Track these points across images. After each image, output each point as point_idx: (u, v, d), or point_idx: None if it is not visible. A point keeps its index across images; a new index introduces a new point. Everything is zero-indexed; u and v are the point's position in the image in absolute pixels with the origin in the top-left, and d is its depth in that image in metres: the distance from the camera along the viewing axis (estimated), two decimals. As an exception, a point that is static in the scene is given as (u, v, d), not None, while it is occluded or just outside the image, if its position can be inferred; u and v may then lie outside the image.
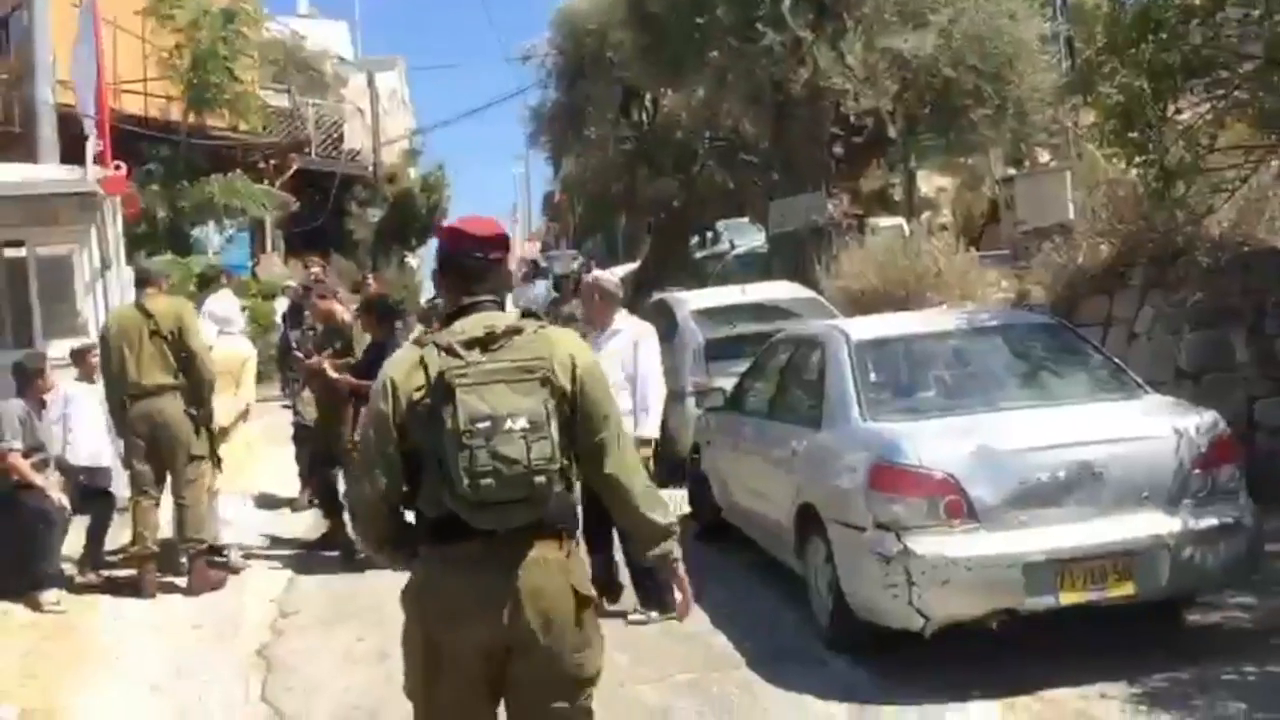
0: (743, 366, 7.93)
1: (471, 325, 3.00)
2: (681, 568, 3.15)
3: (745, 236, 21.70)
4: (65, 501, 7.00)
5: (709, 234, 24.28)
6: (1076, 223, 10.49)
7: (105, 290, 9.51)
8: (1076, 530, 5.01)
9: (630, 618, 6.15)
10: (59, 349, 9.23)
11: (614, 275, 7.27)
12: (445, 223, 3.43)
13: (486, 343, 2.94)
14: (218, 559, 7.62)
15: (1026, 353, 6.13)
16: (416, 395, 2.94)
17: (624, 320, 6.57)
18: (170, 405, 7.16)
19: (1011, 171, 18.67)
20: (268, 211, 19.94)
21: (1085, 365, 6.04)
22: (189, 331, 7.26)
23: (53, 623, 6.51)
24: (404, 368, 2.99)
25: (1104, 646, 5.23)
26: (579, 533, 3.14)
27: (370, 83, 31.31)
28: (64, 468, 7.58)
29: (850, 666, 5.37)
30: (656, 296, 12.11)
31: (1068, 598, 4.97)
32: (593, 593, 3.09)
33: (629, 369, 6.29)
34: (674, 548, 3.11)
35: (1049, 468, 5.07)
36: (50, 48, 14.06)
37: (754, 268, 17.16)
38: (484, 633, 2.90)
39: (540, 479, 2.85)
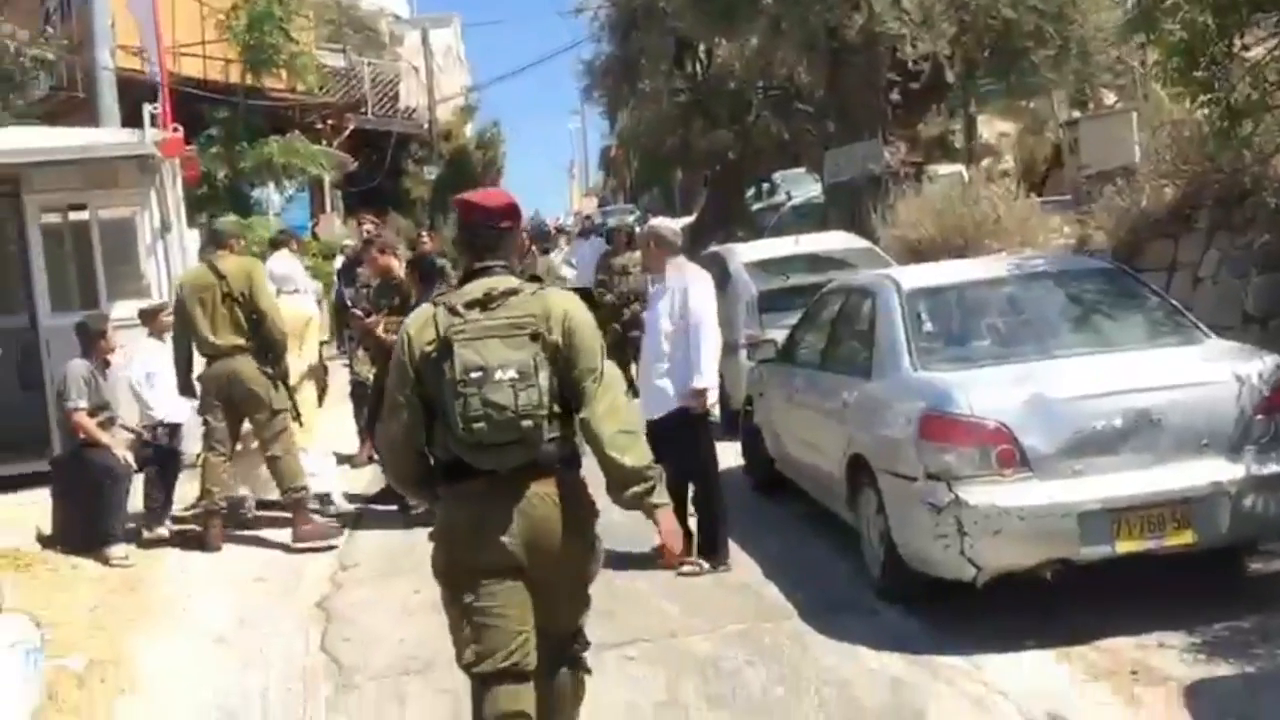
0: (796, 318, 7.86)
1: (475, 288, 3.40)
2: (664, 512, 3.44)
3: (802, 187, 21.51)
4: (130, 459, 7.16)
5: (765, 186, 24.12)
6: (1140, 165, 10.21)
7: (166, 252, 9.67)
8: (1133, 478, 4.92)
9: (682, 569, 6.15)
10: (123, 310, 9.43)
11: (671, 222, 7.15)
12: (460, 195, 3.68)
13: (485, 303, 3.33)
14: (321, 510, 7.75)
15: (1083, 299, 6.00)
16: (428, 348, 3.33)
17: (679, 268, 6.47)
18: (244, 365, 7.26)
19: (1075, 114, 18.23)
20: (326, 171, 20.07)
21: (1144, 310, 5.90)
22: (259, 292, 7.34)
23: (120, 577, 6.69)
24: (418, 323, 3.41)
25: (1162, 595, 5.16)
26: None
27: (425, 40, 31.32)
28: (148, 425, 7.79)
29: (902, 617, 5.35)
30: (710, 249, 12.05)
31: (1124, 546, 4.90)
32: (594, 511, 3.50)
33: (679, 317, 6.23)
34: (650, 490, 3.37)
35: (1105, 415, 4.98)
36: (109, 13, 14.27)
37: (811, 218, 17.01)
38: (495, 558, 3.32)
39: (528, 423, 3.24)
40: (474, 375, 3.23)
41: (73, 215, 9.96)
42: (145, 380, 7.95)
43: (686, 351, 6.16)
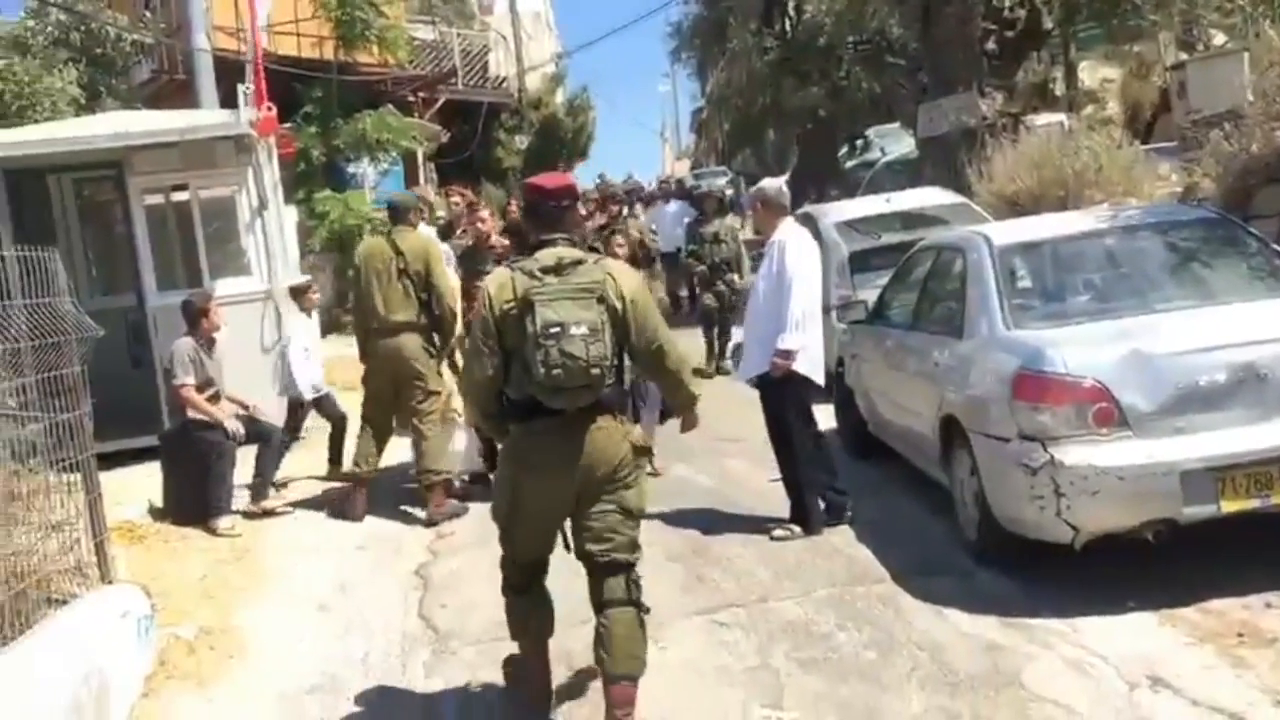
0: (888, 278, 7.74)
1: (546, 256, 4.00)
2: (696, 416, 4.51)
3: (896, 143, 21.12)
4: (240, 430, 7.37)
5: (859, 142, 23.73)
6: (1250, 108, 9.77)
7: (264, 229, 9.89)
8: (1239, 435, 4.76)
9: (774, 534, 6.17)
10: (226, 288, 9.71)
11: (777, 182, 7.00)
12: (527, 179, 4.43)
13: (557, 270, 3.94)
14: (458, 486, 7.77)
15: (1184, 250, 5.80)
16: (506, 306, 3.95)
17: (785, 229, 6.31)
18: (411, 342, 7.25)
19: (1182, 56, 17.53)
20: (419, 144, 20.27)
21: (1250, 260, 5.68)
22: (436, 269, 7.30)
23: (228, 546, 6.91)
24: (498, 284, 4.03)
25: (1271, 555, 4.99)
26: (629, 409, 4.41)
27: (512, 8, 31.40)
28: (294, 398, 8.33)
29: (997, 579, 5.26)
30: (801, 209, 11.90)
31: (1229, 506, 4.74)
32: (647, 445, 4.33)
33: (775, 276, 6.14)
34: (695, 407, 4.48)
35: (1208, 370, 4.81)
36: (204, -4, 14.60)
37: (905, 174, 16.71)
38: (560, 482, 4.04)
39: (596, 371, 3.88)
40: (553, 330, 3.83)
41: (175, 196, 10.27)
42: (304, 354, 8.35)
43: (780, 312, 6.08)
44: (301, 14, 18.32)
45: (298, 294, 8.88)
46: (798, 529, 6.16)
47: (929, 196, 10.87)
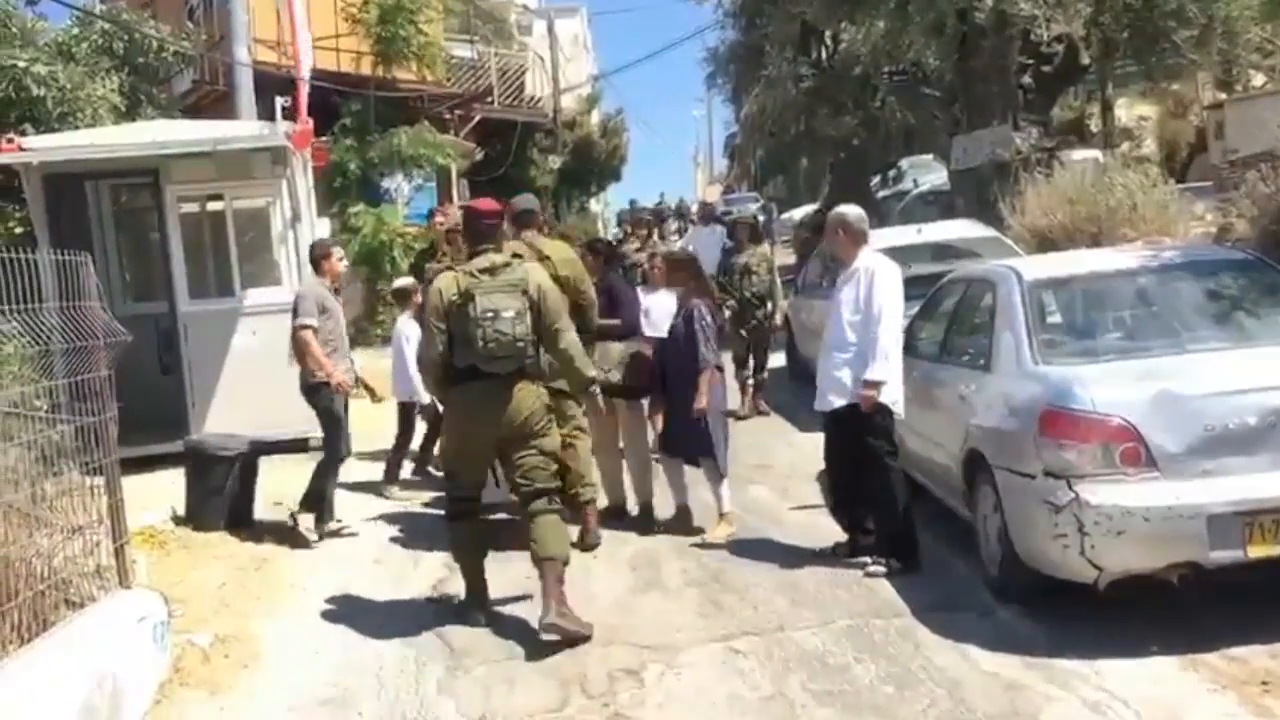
0: (917, 309, 7.68)
1: (480, 261, 5.48)
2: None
3: (929, 174, 21.09)
4: (347, 385, 7.33)
5: (891, 172, 23.71)
6: (1287, 149, 9.71)
7: (296, 241, 9.95)
8: (1268, 480, 4.70)
9: (869, 569, 5.95)
10: (256, 298, 9.79)
11: (857, 209, 6.58)
12: (464, 204, 5.27)
13: (491, 270, 5.41)
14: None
15: (1217, 291, 5.73)
16: (452, 298, 5.37)
17: (868, 256, 6.15)
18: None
19: (1221, 96, 17.44)
20: (453, 161, 20.42)
21: (1284, 303, 5.60)
22: (583, 276, 6.81)
23: (249, 555, 6.93)
24: (446, 282, 5.47)
25: (1300, 604, 4.91)
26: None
27: (550, 29, 31.60)
28: (408, 401, 8.40)
29: (1019, 617, 5.21)
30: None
31: (1257, 551, 4.67)
32: (548, 403, 5.61)
33: (863, 306, 5.97)
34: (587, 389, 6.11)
35: (1238, 413, 4.75)
36: (246, 8, 14.77)
37: (937, 206, 16.66)
38: (491, 428, 5.43)
39: (520, 344, 5.34)
40: (489, 314, 5.27)
41: (210, 205, 10.36)
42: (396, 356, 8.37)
43: (865, 343, 5.90)
44: (341, 30, 18.52)
45: (403, 297, 8.87)
46: (894, 562, 5.94)
47: (960, 229, 10.83)
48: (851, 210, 6.43)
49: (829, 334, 6.23)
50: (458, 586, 6.27)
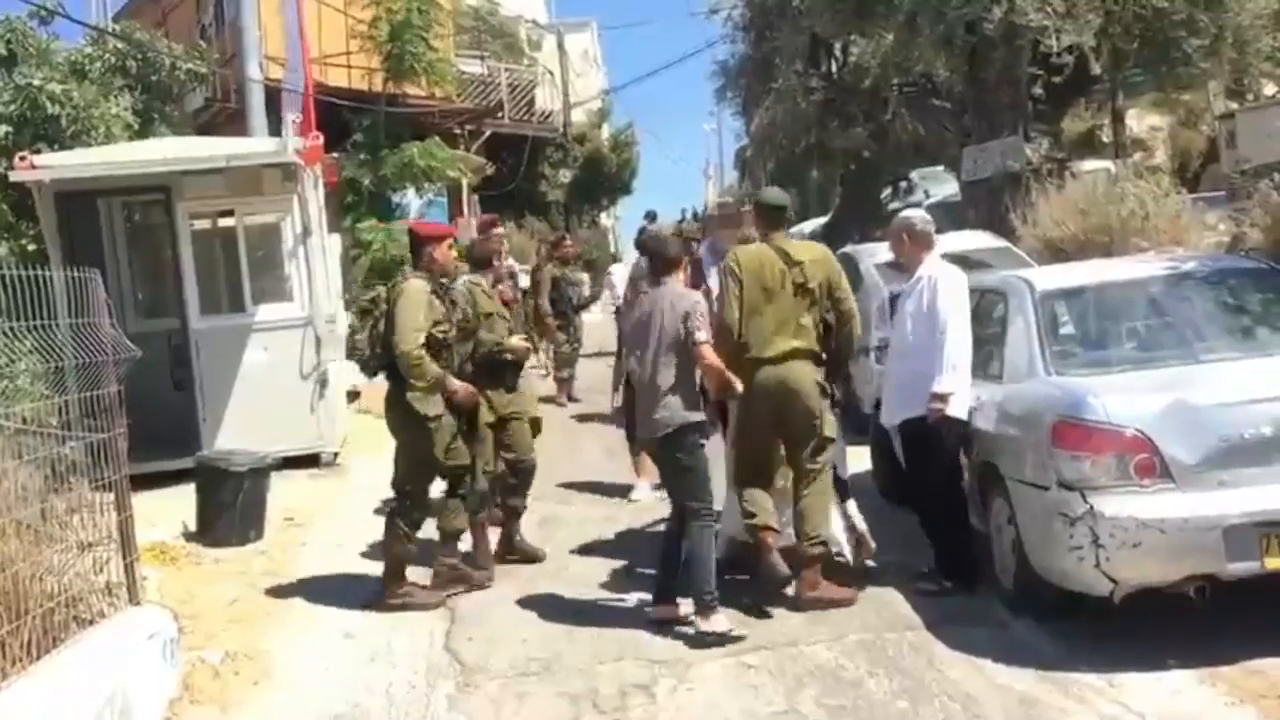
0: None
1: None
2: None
3: (940, 186, 21.05)
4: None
5: (902, 184, 23.66)
6: (1300, 158, 9.66)
7: (307, 256, 9.98)
8: (1285, 491, 4.64)
9: (920, 586, 5.80)
10: (267, 314, 9.81)
11: (920, 212, 6.43)
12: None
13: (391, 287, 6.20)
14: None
15: (1231, 300, 5.71)
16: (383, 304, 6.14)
17: (933, 263, 5.95)
18: (803, 374, 5.82)
19: (1232, 106, 17.38)
20: (464, 176, 20.46)
21: (1301, 313, 5.56)
22: (841, 284, 5.99)
23: (261, 570, 6.92)
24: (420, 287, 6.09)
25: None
26: None
27: (560, 45, 31.68)
28: None
29: (1033, 630, 5.17)
30: (842, 250, 11.84)
31: (1274, 562, 4.63)
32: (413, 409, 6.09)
33: (927, 320, 5.77)
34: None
35: (1254, 423, 4.71)
36: (257, 25, 14.83)
37: (949, 218, 16.58)
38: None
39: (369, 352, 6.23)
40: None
41: (221, 221, 10.39)
42: None
43: (932, 353, 5.68)
44: (352, 47, 18.61)
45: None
46: (947, 583, 5.73)
47: (972, 240, 10.78)
48: (916, 214, 6.28)
49: (895, 344, 6.11)
50: (470, 601, 6.26)
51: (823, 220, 24.61)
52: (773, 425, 5.86)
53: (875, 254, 10.52)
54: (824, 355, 5.89)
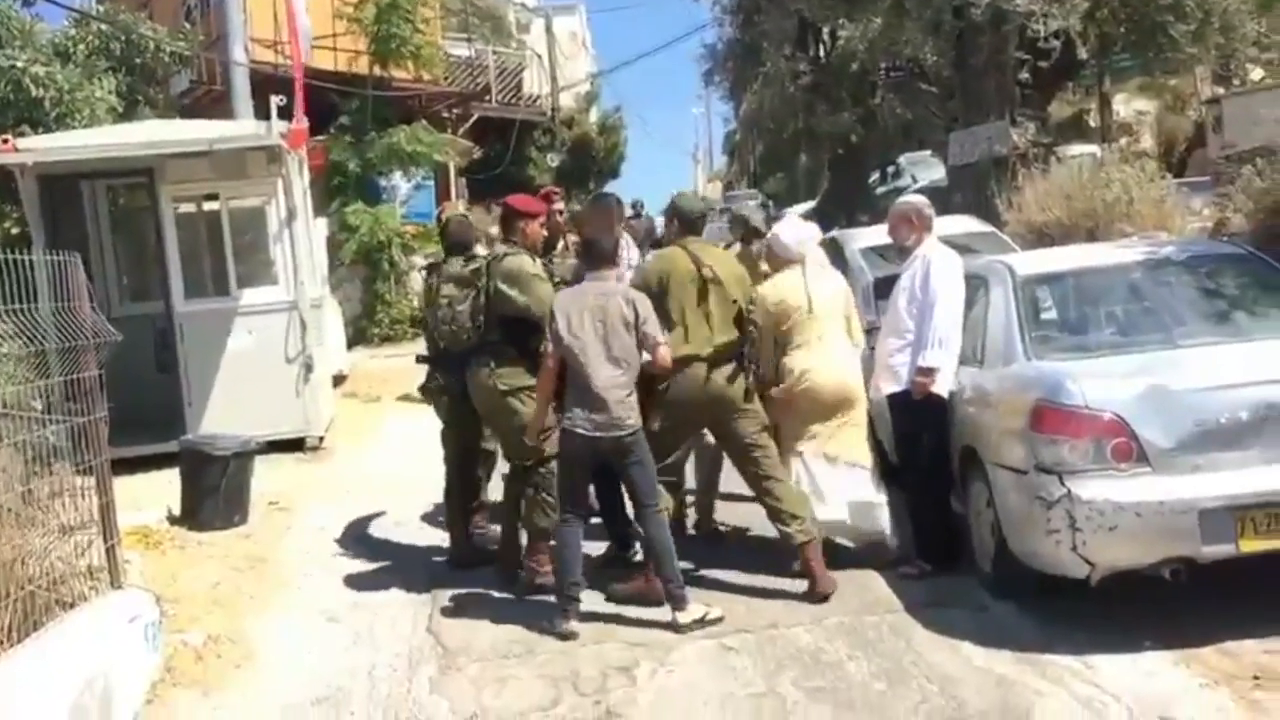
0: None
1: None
2: None
3: (927, 170, 21.09)
4: None
5: (890, 169, 23.70)
6: (1282, 144, 9.69)
7: (292, 240, 9.96)
8: (1260, 474, 4.69)
9: (901, 570, 5.81)
10: (252, 297, 9.79)
11: (921, 196, 6.49)
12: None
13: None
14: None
15: (1211, 286, 5.73)
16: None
17: (928, 245, 6.04)
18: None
19: (1220, 91, 17.42)
20: (451, 159, 20.42)
21: (1277, 297, 5.59)
22: (747, 294, 5.97)
23: (243, 554, 6.92)
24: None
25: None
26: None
27: (548, 28, 31.57)
28: None
29: (1012, 613, 5.21)
30: (828, 235, 11.85)
31: (1249, 545, 4.66)
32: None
33: (919, 297, 5.86)
34: None
35: (1230, 408, 4.74)
36: (242, 7, 14.75)
37: (935, 202, 16.61)
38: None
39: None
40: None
41: (206, 205, 10.35)
42: None
43: (921, 328, 5.80)
44: (339, 29, 18.52)
45: None
46: (928, 566, 5.76)
47: (957, 225, 10.76)
48: (919, 198, 6.43)
49: (888, 322, 6.14)
50: (453, 585, 6.28)
51: (810, 204, 24.59)
52: (694, 420, 5.92)
53: (861, 238, 10.54)
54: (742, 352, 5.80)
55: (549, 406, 5.62)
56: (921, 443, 5.88)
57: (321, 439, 9.73)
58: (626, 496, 5.82)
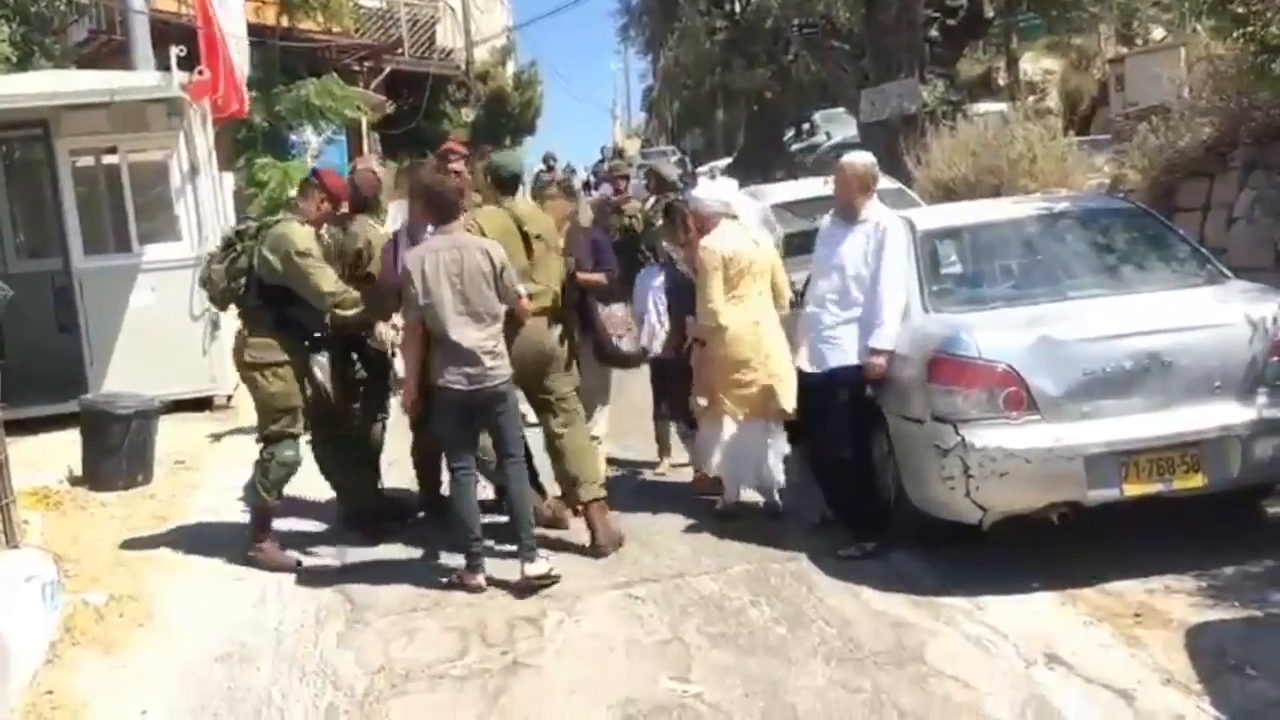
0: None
1: None
2: None
3: (841, 127, 21.24)
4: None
5: (804, 126, 23.84)
6: (1178, 103, 9.96)
7: (196, 195, 9.75)
8: (1142, 421, 4.88)
9: (840, 553, 5.51)
10: (155, 254, 9.57)
11: (866, 156, 6.14)
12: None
13: None
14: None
15: (1101, 240, 5.90)
16: None
17: (876, 210, 5.76)
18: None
19: (1123, 51, 17.80)
20: (363, 114, 20.05)
21: (1164, 252, 5.79)
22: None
23: (147, 514, 6.83)
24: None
25: (1175, 539, 5.13)
26: None
27: (462, -21, 31.06)
28: None
29: (910, 558, 5.37)
30: (745, 190, 11.92)
31: (1132, 489, 4.86)
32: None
33: (870, 266, 5.56)
34: None
35: (1115, 358, 4.92)
36: (142, -44, 14.25)
37: (848, 159, 16.77)
38: None
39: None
40: None
41: (105, 159, 10.07)
42: None
43: (874, 303, 5.51)
44: (243, -23, 18.00)
45: None
46: (869, 545, 5.48)
47: (866, 181, 10.90)
48: (864, 155, 6.09)
49: (826, 287, 5.70)
50: (362, 545, 6.25)
51: (728, 160, 24.64)
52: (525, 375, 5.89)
53: (772, 195, 10.64)
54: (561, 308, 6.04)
55: (417, 372, 5.49)
56: (846, 416, 5.61)
57: (230, 398, 9.57)
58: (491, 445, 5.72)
